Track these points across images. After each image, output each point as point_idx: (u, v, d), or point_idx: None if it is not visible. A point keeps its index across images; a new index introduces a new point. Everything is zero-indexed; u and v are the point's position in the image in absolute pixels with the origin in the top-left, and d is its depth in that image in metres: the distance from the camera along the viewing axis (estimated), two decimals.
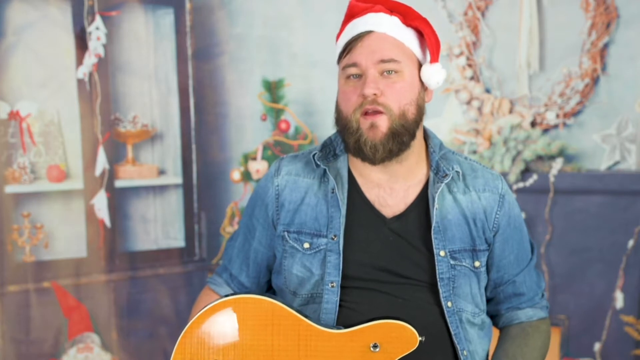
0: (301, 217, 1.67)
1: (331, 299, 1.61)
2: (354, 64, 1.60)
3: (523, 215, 2.85)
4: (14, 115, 3.21)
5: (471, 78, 3.39)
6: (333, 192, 1.65)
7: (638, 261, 3.11)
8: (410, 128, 1.61)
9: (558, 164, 3.20)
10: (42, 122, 3.28)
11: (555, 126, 3.29)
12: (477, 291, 1.68)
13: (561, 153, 3.22)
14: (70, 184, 3.30)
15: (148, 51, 3.53)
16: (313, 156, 1.71)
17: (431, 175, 1.67)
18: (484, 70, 3.38)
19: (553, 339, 1.83)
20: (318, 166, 1.70)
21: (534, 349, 1.71)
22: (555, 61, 3.29)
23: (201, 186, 3.54)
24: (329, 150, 1.71)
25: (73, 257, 3.29)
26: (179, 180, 3.53)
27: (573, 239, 3.19)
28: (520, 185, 3.22)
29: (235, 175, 3.48)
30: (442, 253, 1.63)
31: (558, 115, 3.27)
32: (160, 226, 3.60)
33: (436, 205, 1.63)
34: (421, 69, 1.65)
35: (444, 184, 1.65)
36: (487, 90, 3.38)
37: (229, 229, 3.50)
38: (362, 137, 1.59)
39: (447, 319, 1.62)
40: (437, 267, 1.62)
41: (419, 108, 1.63)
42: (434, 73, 1.64)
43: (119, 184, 3.36)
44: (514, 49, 3.31)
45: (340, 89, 1.65)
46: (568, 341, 3.22)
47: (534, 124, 3.30)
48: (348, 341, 1.49)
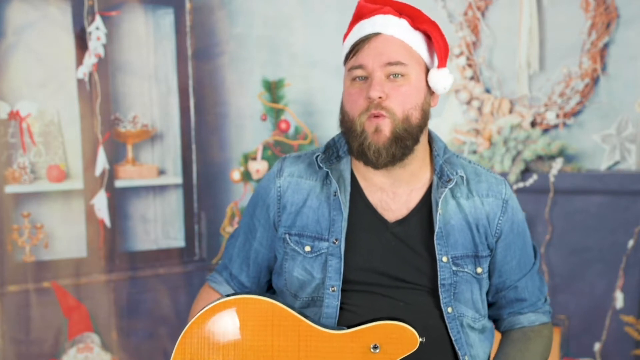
0: (303, 220, 1.66)
1: (332, 303, 1.60)
2: (360, 66, 1.58)
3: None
4: (14, 115, 3.21)
5: (471, 78, 3.39)
6: (335, 195, 1.64)
7: (638, 261, 3.11)
8: (413, 132, 1.59)
9: (558, 164, 3.20)
10: (42, 122, 3.28)
11: (555, 126, 3.29)
12: (479, 297, 1.67)
13: (561, 153, 3.22)
14: (70, 184, 3.30)
15: (148, 51, 3.53)
16: (316, 158, 1.69)
17: (435, 179, 1.65)
18: (484, 70, 3.38)
19: (553, 339, 1.82)
20: (321, 168, 1.68)
21: (535, 353, 1.70)
22: (555, 61, 3.29)
23: (201, 186, 3.54)
24: (332, 152, 1.70)
25: (73, 257, 3.29)
26: (179, 180, 3.53)
27: (573, 239, 3.19)
28: (520, 185, 3.22)
29: (235, 175, 3.48)
30: (445, 259, 1.61)
31: (558, 115, 3.27)
32: (160, 226, 3.60)
33: (439, 211, 1.62)
34: (428, 73, 1.63)
35: (447, 189, 1.63)
36: (487, 90, 3.38)
37: (229, 229, 3.50)
38: (367, 141, 1.57)
39: (448, 325, 1.61)
40: (439, 273, 1.60)
41: (424, 113, 1.61)
42: (441, 78, 1.62)
43: (119, 184, 3.36)
44: (514, 49, 3.31)
45: (346, 90, 1.63)
46: (568, 341, 3.22)
47: (534, 124, 3.30)
48: (348, 342, 1.49)
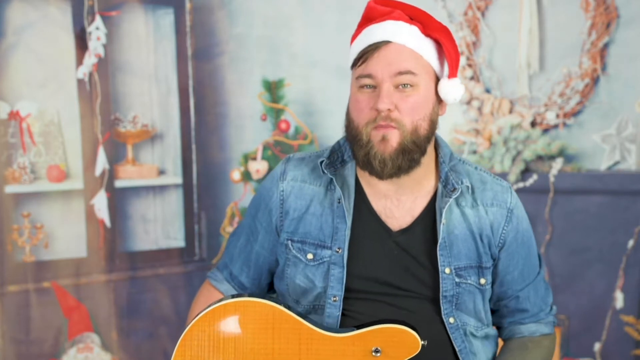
0: (305, 227, 1.64)
1: (333, 313, 1.59)
2: (369, 75, 1.54)
3: None
4: (14, 115, 3.21)
5: (471, 78, 3.38)
6: (339, 202, 1.61)
7: (638, 261, 3.11)
8: (421, 144, 1.55)
9: (558, 164, 3.20)
10: (42, 122, 3.28)
11: (555, 126, 3.29)
12: (481, 307, 1.65)
13: (561, 153, 3.22)
14: (70, 184, 3.30)
15: (148, 51, 3.53)
16: (320, 163, 1.65)
17: (439, 187, 1.62)
18: (484, 70, 3.38)
19: (555, 349, 1.80)
20: (325, 173, 1.65)
21: None
22: (555, 61, 3.29)
23: (201, 186, 3.54)
24: (337, 156, 1.66)
25: (73, 257, 3.29)
26: (179, 180, 3.52)
27: (573, 239, 3.19)
28: (520, 185, 3.22)
29: (235, 175, 3.48)
30: (447, 270, 1.59)
31: (558, 115, 3.27)
32: (160, 226, 3.59)
33: (443, 220, 1.59)
34: (438, 83, 1.59)
35: (452, 199, 1.60)
36: (487, 90, 3.38)
37: (229, 229, 3.50)
38: (373, 150, 1.53)
39: (451, 335, 1.60)
40: (441, 285, 1.58)
41: (432, 123, 1.57)
42: (452, 89, 1.58)
43: (119, 184, 3.36)
44: (514, 49, 3.31)
45: (353, 96, 1.58)
46: (568, 341, 3.22)
47: (534, 124, 3.30)
48: (349, 345, 1.48)
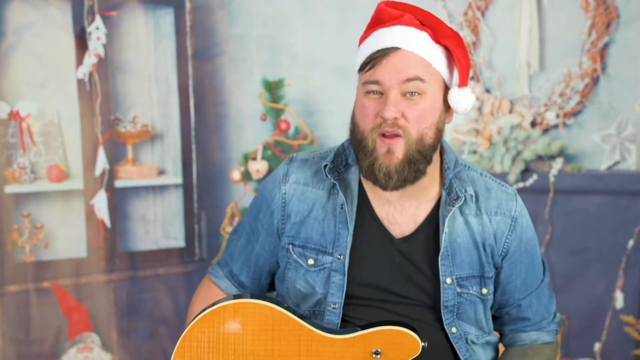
0: (307, 231, 1.62)
1: (332, 320, 1.58)
2: (377, 82, 1.51)
3: None
4: (14, 115, 3.21)
5: (471, 78, 3.38)
6: (342, 208, 1.59)
7: (638, 261, 3.11)
8: (426, 154, 1.53)
9: (558, 164, 3.20)
10: (42, 122, 3.27)
11: (555, 126, 3.29)
12: (482, 316, 1.64)
13: (561, 153, 3.22)
14: (70, 184, 3.30)
15: (148, 51, 3.52)
16: (324, 167, 1.63)
17: (443, 194, 1.60)
18: (484, 70, 3.37)
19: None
20: (328, 177, 1.62)
21: None
22: (555, 61, 3.29)
23: (201, 186, 3.53)
24: (341, 160, 1.63)
25: (73, 257, 3.28)
26: (179, 180, 3.52)
27: (573, 239, 3.19)
28: (520, 185, 3.22)
29: (235, 175, 3.48)
30: (449, 280, 1.57)
31: (558, 115, 3.27)
32: (160, 226, 3.59)
33: (445, 230, 1.57)
34: (448, 92, 1.55)
35: (455, 208, 1.58)
36: (487, 90, 3.38)
37: (229, 229, 3.50)
38: (377, 162, 1.51)
39: (455, 344, 1.59)
40: (442, 295, 1.57)
41: (438, 131, 1.54)
42: (462, 98, 1.54)
43: (119, 184, 3.36)
44: (514, 49, 3.31)
45: (359, 101, 1.55)
46: (568, 341, 3.22)
47: (534, 124, 3.30)
48: (349, 347, 1.48)
